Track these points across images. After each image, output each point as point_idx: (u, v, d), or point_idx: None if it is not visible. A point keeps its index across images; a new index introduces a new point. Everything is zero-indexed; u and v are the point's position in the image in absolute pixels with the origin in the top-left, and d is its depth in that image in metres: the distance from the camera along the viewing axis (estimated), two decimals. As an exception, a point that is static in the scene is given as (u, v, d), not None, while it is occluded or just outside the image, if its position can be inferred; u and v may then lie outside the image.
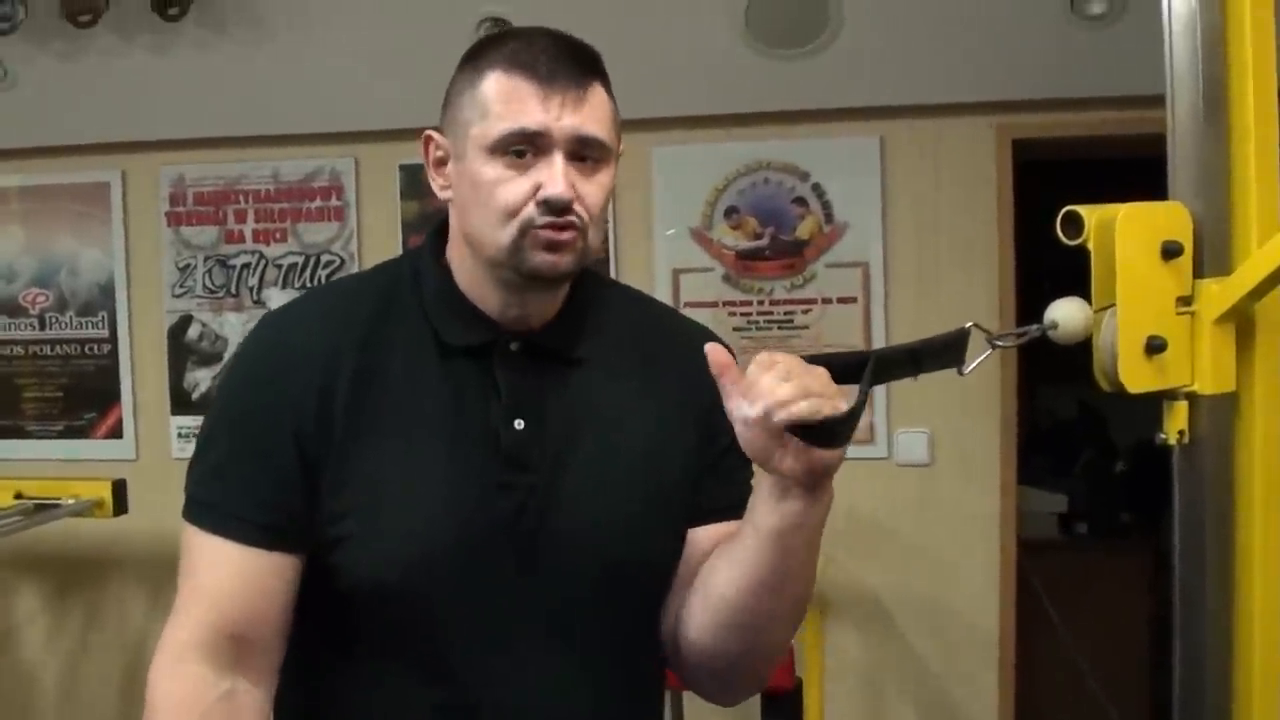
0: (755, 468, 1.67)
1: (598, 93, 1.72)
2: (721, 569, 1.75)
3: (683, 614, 1.83)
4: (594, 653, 1.80)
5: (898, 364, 1.60)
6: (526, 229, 1.69)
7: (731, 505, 1.84)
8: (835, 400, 1.53)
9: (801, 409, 1.52)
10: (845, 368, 1.59)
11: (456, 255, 1.81)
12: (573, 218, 1.70)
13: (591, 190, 1.72)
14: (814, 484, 1.62)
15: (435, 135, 1.78)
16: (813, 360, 1.58)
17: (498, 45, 1.73)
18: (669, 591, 1.87)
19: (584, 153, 1.71)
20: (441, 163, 1.79)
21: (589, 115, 1.70)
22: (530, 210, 1.69)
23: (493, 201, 1.70)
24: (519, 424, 1.76)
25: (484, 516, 1.74)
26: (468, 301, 1.79)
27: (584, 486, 1.78)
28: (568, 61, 1.70)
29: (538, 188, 1.68)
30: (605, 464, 1.80)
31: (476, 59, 1.74)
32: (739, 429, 1.59)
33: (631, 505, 1.80)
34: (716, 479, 1.86)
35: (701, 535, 1.85)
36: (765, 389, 1.53)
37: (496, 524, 1.74)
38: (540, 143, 1.68)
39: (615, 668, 1.83)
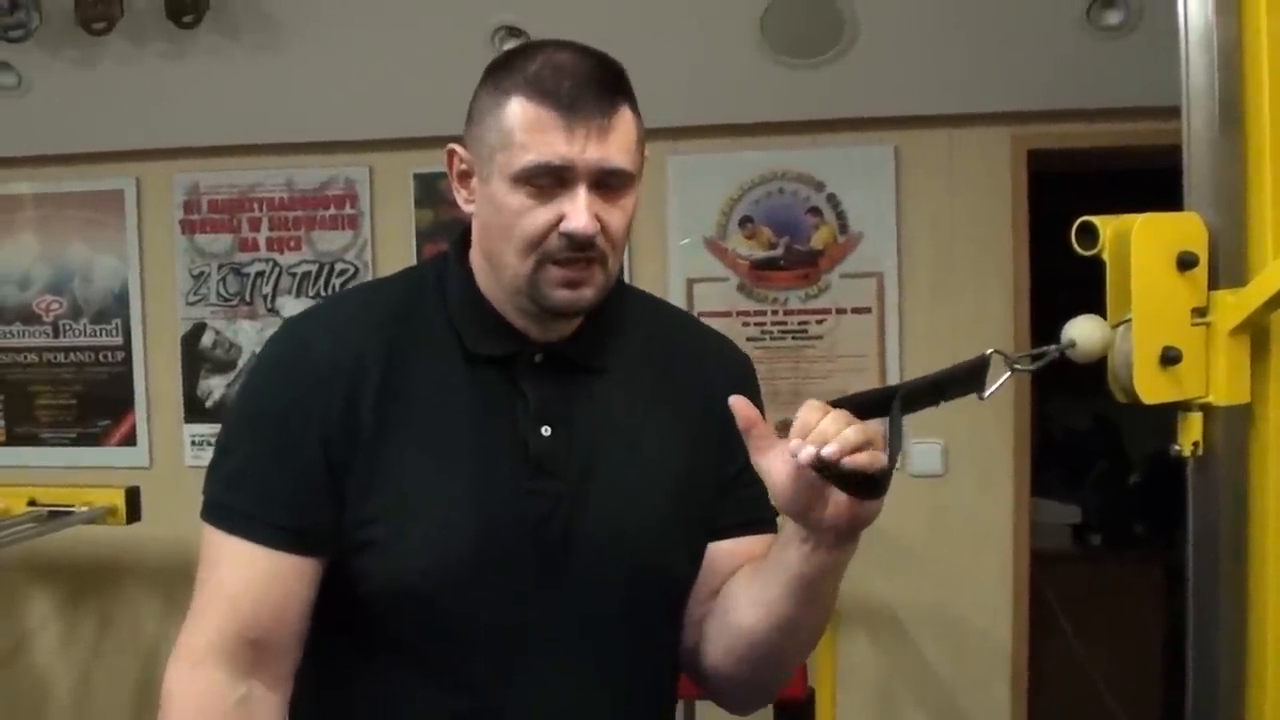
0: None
1: (623, 117, 1.70)
2: (744, 604, 1.77)
3: (702, 635, 1.85)
4: (614, 661, 1.80)
5: (922, 396, 1.60)
6: (546, 261, 1.69)
7: (749, 521, 1.85)
8: (878, 451, 1.54)
9: (863, 460, 1.52)
10: (870, 404, 1.59)
11: (479, 266, 1.81)
12: (594, 252, 1.70)
13: (614, 217, 1.71)
14: (849, 535, 1.63)
15: (459, 149, 1.77)
16: (839, 402, 1.58)
17: (522, 65, 1.70)
18: (688, 602, 1.88)
19: (608, 181, 1.70)
20: (465, 175, 1.78)
21: (614, 145, 1.68)
22: (553, 242, 1.68)
23: (515, 231, 1.69)
24: (546, 431, 1.76)
25: (510, 523, 1.74)
26: (492, 310, 1.79)
27: (610, 495, 1.78)
28: (594, 86, 1.68)
29: (560, 218, 1.67)
30: (630, 473, 1.80)
31: (500, 78, 1.71)
32: (776, 482, 1.61)
33: (656, 515, 1.80)
34: (734, 494, 1.86)
35: (720, 550, 1.86)
36: (805, 426, 1.53)
37: (522, 531, 1.74)
38: (564, 175, 1.67)
39: (635, 676, 1.84)
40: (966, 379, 1.60)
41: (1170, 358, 1.54)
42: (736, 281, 4.58)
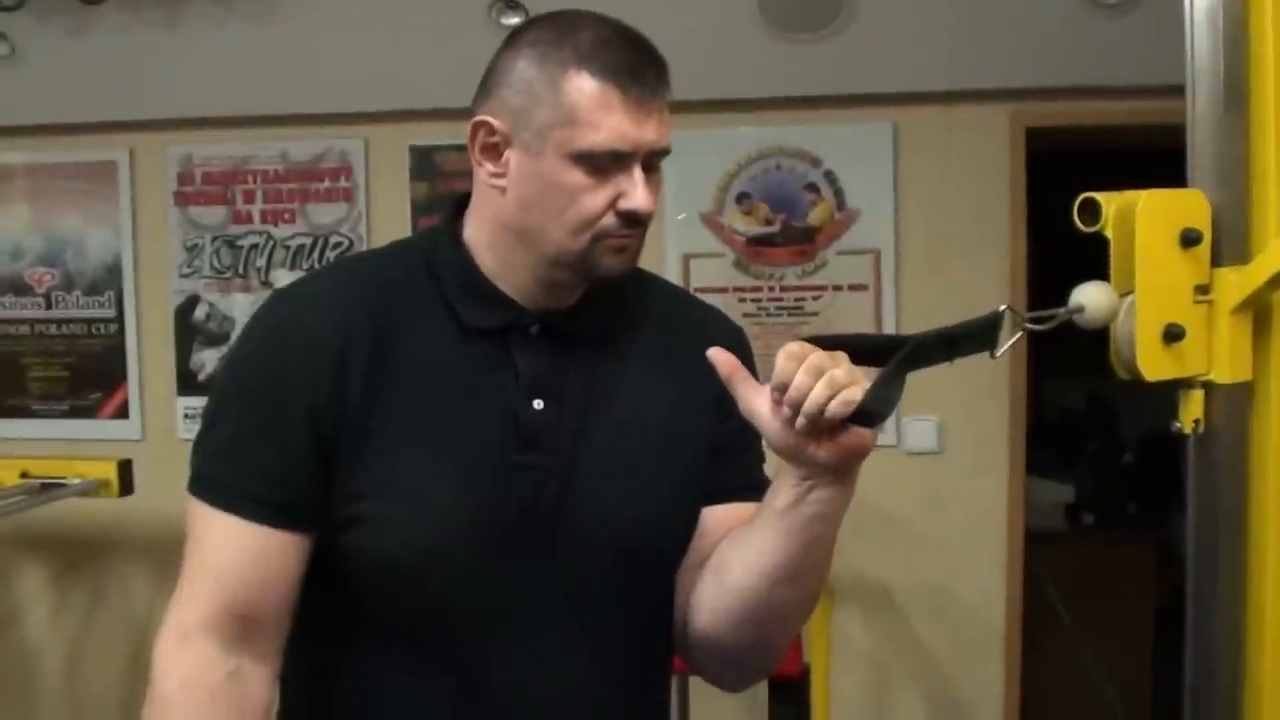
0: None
1: (666, 98, 1.73)
2: (738, 558, 1.73)
3: (693, 600, 1.81)
4: (608, 635, 1.79)
5: (934, 349, 1.57)
6: (601, 237, 1.70)
7: (741, 487, 1.83)
8: (861, 384, 1.52)
9: (835, 409, 1.50)
10: (870, 352, 1.57)
11: (483, 239, 1.79)
12: (641, 228, 1.73)
13: (654, 193, 1.73)
14: (845, 471, 1.61)
15: (493, 120, 1.73)
16: (836, 342, 1.56)
17: (572, 38, 1.69)
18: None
19: (654, 162, 1.73)
20: (493, 148, 1.75)
21: (665, 126, 1.72)
22: (609, 220, 1.70)
23: (572, 208, 1.69)
24: (538, 404, 1.75)
25: (501, 497, 1.73)
26: (489, 284, 1.78)
27: (602, 469, 1.77)
28: (650, 68, 1.70)
29: (617, 197, 1.69)
30: (624, 447, 1.79)
31: (548, 50, 1.70)
32: (765, 424, 1.58)
33: (650, 489, 1.79)
34: (727, 460, 1.85)
35: (712, 516, 1.84)
36: (800, 391, 1.51)
37: (514, 505, 1.73)
38: (625, 156, 1.68)
39: (629, 650, 1.83)
40: (979, 335, 1.57)
41: (1173, 335, 1.53)
42: (733, 257, 4.57)
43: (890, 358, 1.54)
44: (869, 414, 1.53)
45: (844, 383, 1.51)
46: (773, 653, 1.87)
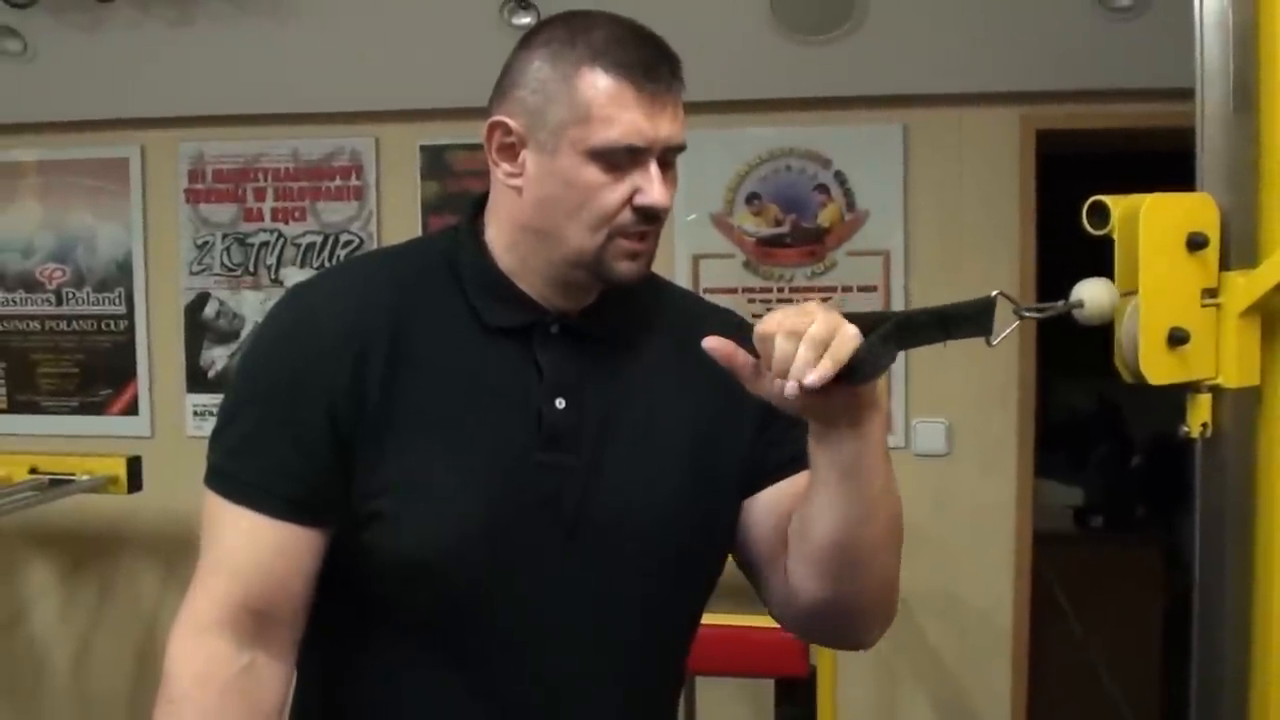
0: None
1: (680, 94, 1.73)
2: (813, 523, 1.70)
3: (792, 580, 1.78)
4: (627, 634, 1.79)
5: (924, 327, 1.57)
6: (615, 235, 1.70)
7: (795, 458, 1.81)
8: (844, 331, 1.51)
9: (827, 369, 1.49)
10: (873, 323, 1.57)
11: (502, 239, 1.79)
12: (658, 224, 1.73)
13: (670, 190, 1.73)
14: (863, 412, 1.60)
15: (510, 121, 1.73)
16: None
17: (585, 36, 1.70)
18: (718, 573, 1.87)
19: (669, 158, 1.73)
20: (509, 149, 1.75)
21: (679, 122, 1.72)
22: (625, 217, 1.70)
23: (588, 206, 1.69)
24: (560, 403, 1.75)
25: (523, 497, 1.73)
26: (510, 283, 1.78)
27: (626, 468, 1.77)
28: (663, 63, 1.71)
29: (633, 193, 1.69)
30: (647, 446, 1.79)
31: (561, 50, 1.70)
32: (771, 395, 1.57)
33: (674, 489, 1.79)
34: (774, 439, 1.83)
35: (773, 496, 1.83)
36: (784, 357, 1.51)
37: (535, 504, 1.73)
38: (640, 152, 1.69)
39: (647, 649, 1.83)
40: (971, 318, 1.58)
41: (1177, 338, 1.53)
42: (742, 258, 4.56)
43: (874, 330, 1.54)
44: (857, 370, 1.51)
45: (825, 338, 1.50)
46: (882, 594, 1.83)
